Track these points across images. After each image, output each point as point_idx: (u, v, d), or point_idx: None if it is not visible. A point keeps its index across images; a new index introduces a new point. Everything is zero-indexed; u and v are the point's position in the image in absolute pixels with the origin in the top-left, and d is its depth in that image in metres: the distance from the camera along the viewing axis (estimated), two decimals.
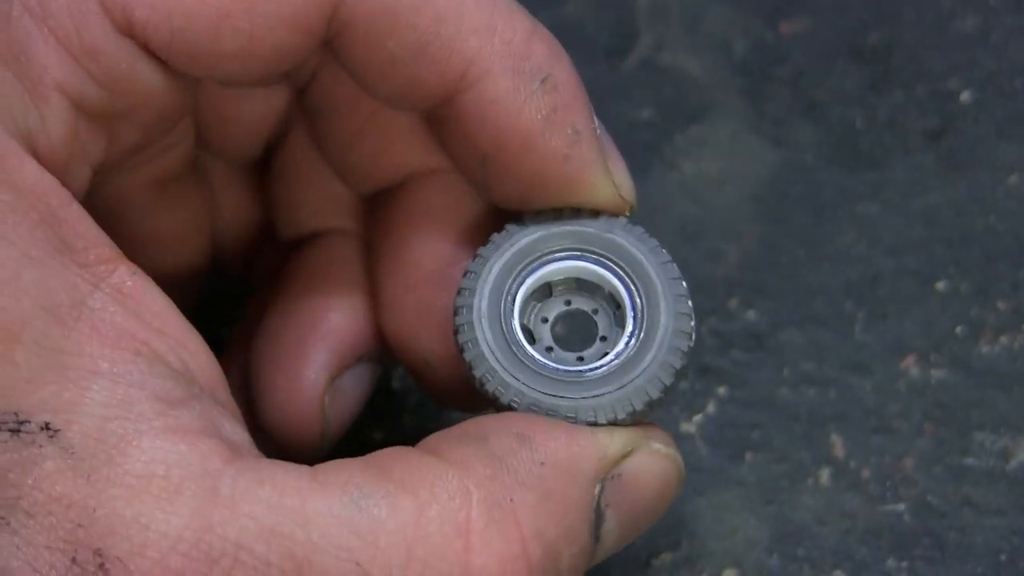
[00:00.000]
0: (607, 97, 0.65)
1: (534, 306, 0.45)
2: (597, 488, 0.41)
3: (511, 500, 0.40)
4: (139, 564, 0.37)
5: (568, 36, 0.64)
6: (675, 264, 0.44)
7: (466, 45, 0.42)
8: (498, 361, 0.43)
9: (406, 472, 0.40)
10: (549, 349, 0.45)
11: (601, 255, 0.45)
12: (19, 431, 0.37)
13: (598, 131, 0.44)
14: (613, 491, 0.42)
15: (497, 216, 0.46)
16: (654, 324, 0.44)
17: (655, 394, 0.43)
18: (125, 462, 0.37)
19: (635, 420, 0.43)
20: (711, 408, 0.57)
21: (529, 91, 0.43)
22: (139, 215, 0.49)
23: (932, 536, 0.54)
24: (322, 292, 0.49)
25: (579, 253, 0.45)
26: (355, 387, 0.50)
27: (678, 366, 0.43)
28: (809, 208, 0.62)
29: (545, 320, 0.45)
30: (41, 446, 0.37)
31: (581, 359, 0.44)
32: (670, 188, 0.63)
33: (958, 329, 0.58)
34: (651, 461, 0.43)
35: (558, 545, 0.40)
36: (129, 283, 0.40)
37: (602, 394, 0.43)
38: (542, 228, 0.45)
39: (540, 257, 0.45)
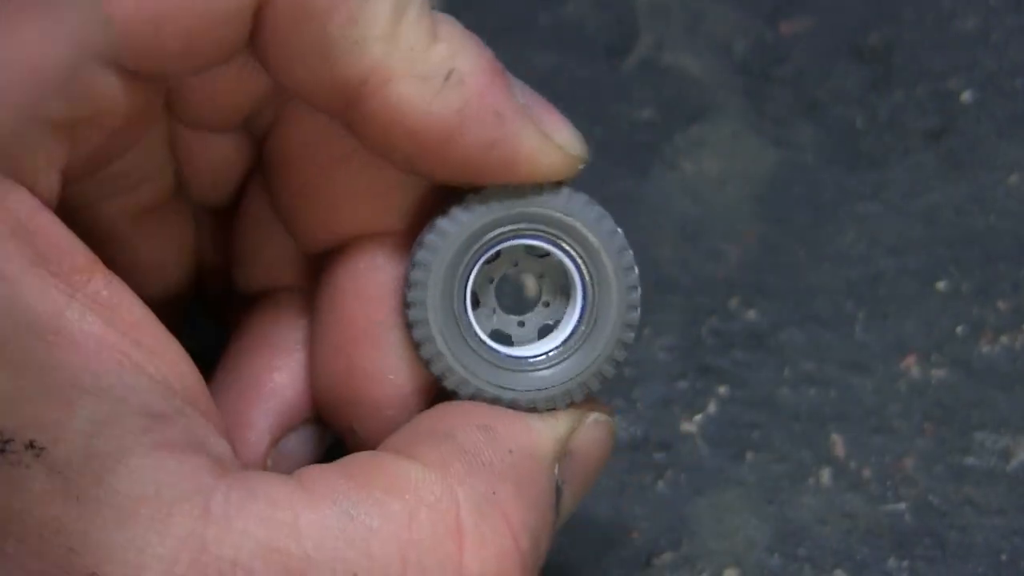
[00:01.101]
0: (607, 97, 0.65)
1: (484, 268, 0.45)
2: (556, 469, 0.43)
3: (494, 494, 0.40)
4: None
5: (568, 36, 0.64)
6: (621, 232, 0.44)
7: (370, 51, 0.41)
8: (456, 358, 0.43)
9: (389, 478, 0.40)
10: (492, 311, 0.45)
11: (549, 233, 0.44)
12: (4, 450, 0.36)
13: (522, 100, 0.43)
14: (567, 468, 0.43)
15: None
16: (602, 314, 0.44)
17: (596, 387, 0.44)
18: (115, 481, 0.37)
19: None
20: (712, 408, 0.57)
21: (434, 91, 0.42)
22: (120, 244, 0.48)
23: (933, 536, 0.54)
24: (268, 351, 0.49)
25: (529, 233, 0.44)
26: (300, 449, 0.49)
27: (620, 359, 0.44)
28: (809, 208, 0.62)
29: (491, 280, 0.45)
30: (28, 466, 0.37)
31: (522, 324, 0.45)
32: (670, 188, 0.63)
33: (959, 329, 0.58)
34: (594, 432, 0.44)
35: (538, 531, 0.41)
36: (105, 292, 0.40)
37: (560, 383, 0.44)
38: (487, 212, 0.44)
39: (487, 243, 0.44)
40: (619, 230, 0.44)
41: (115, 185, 0.46)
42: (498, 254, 0.45)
